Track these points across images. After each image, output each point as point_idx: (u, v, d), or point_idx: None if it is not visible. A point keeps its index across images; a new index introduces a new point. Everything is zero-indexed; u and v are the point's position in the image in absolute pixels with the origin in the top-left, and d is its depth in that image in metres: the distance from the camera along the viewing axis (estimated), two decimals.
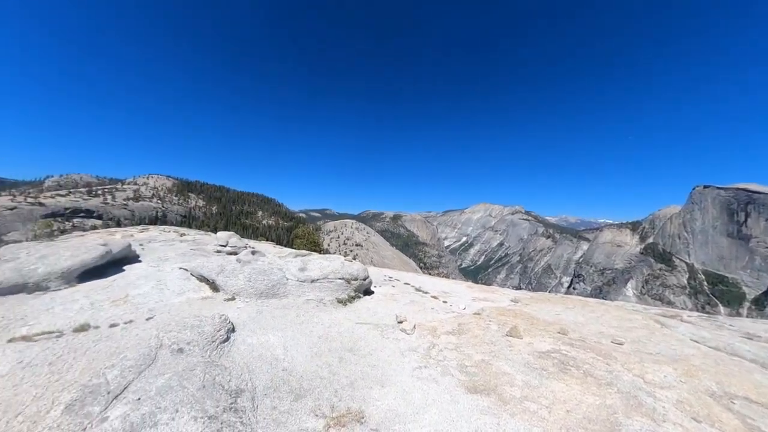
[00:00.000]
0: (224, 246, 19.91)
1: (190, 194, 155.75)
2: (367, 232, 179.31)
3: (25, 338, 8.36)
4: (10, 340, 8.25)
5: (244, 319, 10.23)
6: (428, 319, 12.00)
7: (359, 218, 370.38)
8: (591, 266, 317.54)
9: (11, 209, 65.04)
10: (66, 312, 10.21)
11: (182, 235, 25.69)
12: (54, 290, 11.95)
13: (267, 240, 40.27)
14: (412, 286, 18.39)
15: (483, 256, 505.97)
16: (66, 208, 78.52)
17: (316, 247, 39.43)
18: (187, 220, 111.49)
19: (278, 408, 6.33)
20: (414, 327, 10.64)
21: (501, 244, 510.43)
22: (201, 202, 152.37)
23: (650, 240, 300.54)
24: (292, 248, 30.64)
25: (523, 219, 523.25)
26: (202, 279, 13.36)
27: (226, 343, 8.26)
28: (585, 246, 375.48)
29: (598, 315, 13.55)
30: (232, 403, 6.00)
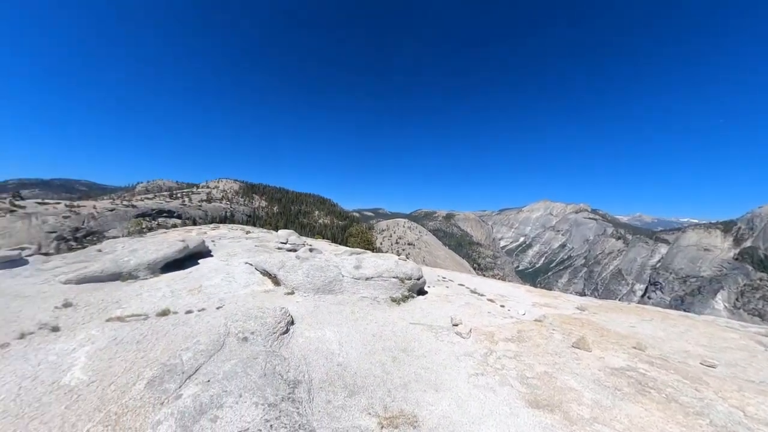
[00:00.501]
0: (284, 243, 21.05)
1: (254, 195, 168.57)
2: (419, 231, 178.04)
3: (119, 318, 9.64)
4: (107, 320, 9.58)
5: (302, 313, 10.67)
6: (484, 323, 11.46)
7: (411, 217, 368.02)
8: (670, 273, 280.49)
9: (111, 210, 76.10)
10: (151, 298, 11.55)
11: (248, 232, 27.72)
12: (142, 279, 13.60)
13: (323, 238, 41.94)
14: (467, 288, 17.77)
15: (543, 258, 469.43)
16: (152, 209, 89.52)
17: (369, 245, 40.09)
18: (252, 219, 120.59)
19: (332, 402, 6.44)
20: (470, 331, 10.21)
21: (563, 246, 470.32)
22: (264, 203, 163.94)
23: (747, 243, 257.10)
24: (347, 246, 31.48)
25: (589, 218, 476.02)
26: (265, 273, 14.23)
27: (285, 335, 8.66)
28: (663, 249, 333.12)
29: (682, 330, 11.89)
30: (290, 393, 6.22)
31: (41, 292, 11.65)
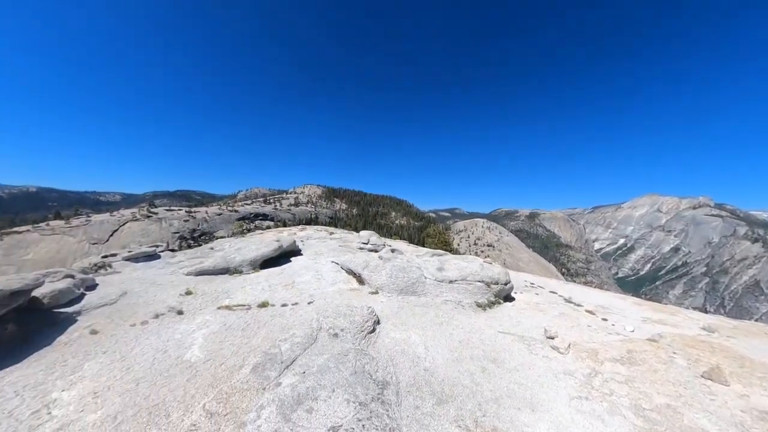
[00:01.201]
0: (366, 244, 21.70)
1: (335, 199, 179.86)
2: (500, 232, 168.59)
3: (227, 307, 10.91)
4: (218, 307, 10.92)
5: (387, 313, 10.72)
6: (585, 338, 10.13)
7: (490, 217, 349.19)
8: None
9: (219, 215, 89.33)
10: (253, 290, 12.83)
11: (331, 233, 29.36)
12: (245, 274, 15.24)
13: (400, 239, 42.41)
14: (560, 296, 16.06)
15: (648, 264, 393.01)
16: (250, 213, 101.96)
17: (446, 246, 39.21)
18: (334, 221, 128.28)
19: (421, 409, 6.23)
20: (568, 346, 9.11)
21: (676, 249, 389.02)
22: (344, 206, 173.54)
23: None
24: (423, 247, 31.27)
25: (712, 215, 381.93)
26: (350, 272, 14.78)
27: (372, 334, 8.77)
28: None
29: None
30: (379, 394, 6.18)
31: (170, 282, 13.83)
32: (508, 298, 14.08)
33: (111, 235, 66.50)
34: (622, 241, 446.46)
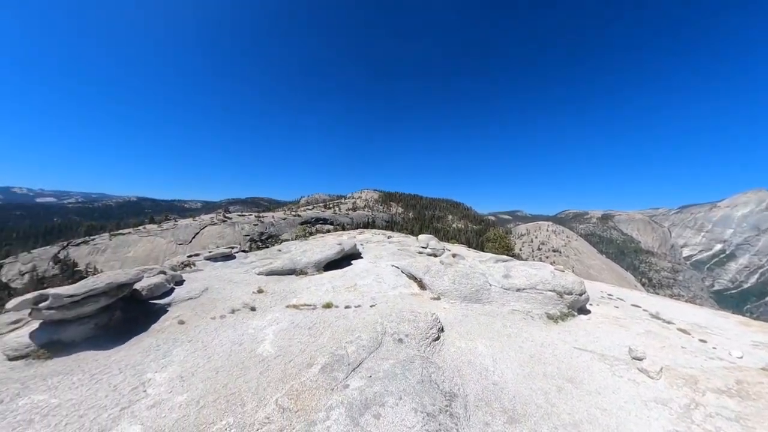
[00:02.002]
0: (425, 248, 21.42)
1: (391, 203, 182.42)
2: (567, 236, 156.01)
3: (295, 306, 11.45)
4: (287, 306, 11.51)
5: (450, 321, 10.40)
6: (680, 362, 8.76)
7: (556, 220, 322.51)
8: None
9: (284, 219, 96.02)
10: (317, 291, 13.32)
11: (389, 237, 29.55)
12: (310, 275, 15.91)
13: (458, 242, 41.32)
14: (645, 311, 14.23)
15: (755, 275, 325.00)
16: (312, 218, 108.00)
17: (508, 251, 37.20)
18: (390, 225, 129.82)
19: (491, 426, 5.86)
20: (660, 370, 7.94)
21: None
22: (400, 209, 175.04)
23: None
24: (483, 251, 30.01)
25: None
26: (411, 277, 14.64)
27: (437, 342, 8.52)
28: None
29: None
30: (446, 406, 5.94)
31: (244, 280, 14.94)
32: (582, 311, 12.83)
33: (193, 237, 74.87)
34: (718, 246, 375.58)
